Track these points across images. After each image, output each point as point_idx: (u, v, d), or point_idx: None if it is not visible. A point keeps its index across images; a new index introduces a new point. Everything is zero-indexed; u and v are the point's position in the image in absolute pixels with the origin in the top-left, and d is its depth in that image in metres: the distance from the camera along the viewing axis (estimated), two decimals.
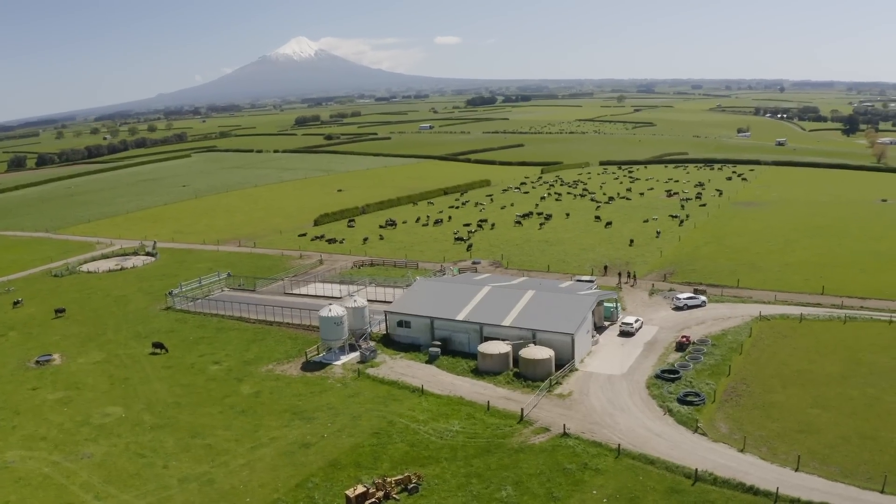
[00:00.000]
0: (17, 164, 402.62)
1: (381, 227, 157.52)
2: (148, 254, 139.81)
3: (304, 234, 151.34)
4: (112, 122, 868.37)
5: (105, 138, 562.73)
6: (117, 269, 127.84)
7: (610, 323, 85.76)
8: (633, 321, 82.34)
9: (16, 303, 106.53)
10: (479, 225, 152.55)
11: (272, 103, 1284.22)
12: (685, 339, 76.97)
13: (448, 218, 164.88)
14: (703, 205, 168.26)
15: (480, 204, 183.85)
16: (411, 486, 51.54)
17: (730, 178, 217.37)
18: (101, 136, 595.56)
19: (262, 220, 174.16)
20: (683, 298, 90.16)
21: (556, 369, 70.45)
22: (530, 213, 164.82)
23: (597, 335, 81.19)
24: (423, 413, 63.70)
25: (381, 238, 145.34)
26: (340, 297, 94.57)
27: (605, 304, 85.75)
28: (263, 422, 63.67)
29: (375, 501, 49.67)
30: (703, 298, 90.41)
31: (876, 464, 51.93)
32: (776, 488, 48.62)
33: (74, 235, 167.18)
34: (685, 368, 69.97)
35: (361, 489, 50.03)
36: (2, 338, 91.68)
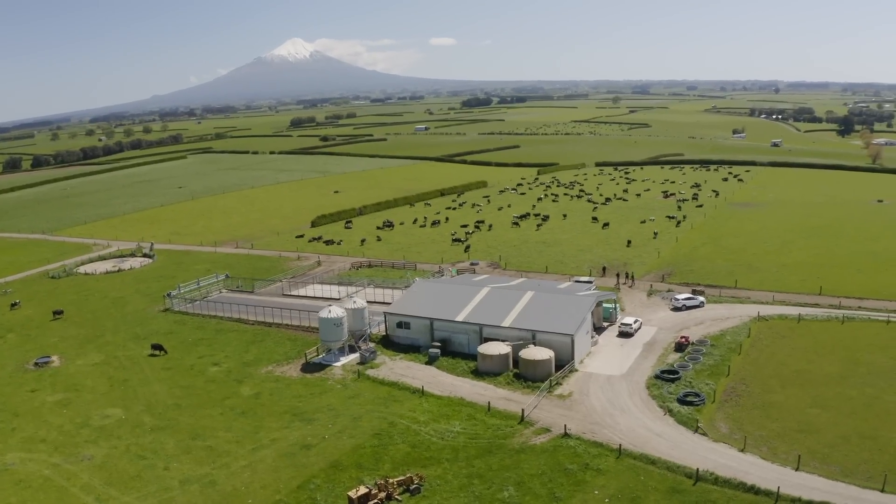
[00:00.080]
0: (12, 165, 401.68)
1: (378, 228, 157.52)
2: (145, 255, 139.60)
3: (302, 236, 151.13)
4: (107, 124, 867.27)
5: (100, 140, 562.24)
6: (115, 271, 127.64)
7: (609, 324, 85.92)
8: (632, 322, 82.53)
9: (13, 304, 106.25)
10: (476, 226, 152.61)
11: (267, 105, 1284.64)
12: (684, 340, 77.15)
13: (445, 219, 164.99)
14: (700, 206, 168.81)
15: (477, 205, 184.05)
16: (413, 486, 51.62)
17: (726, 179, 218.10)
18: (96, 138, 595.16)
19: (259, 222, 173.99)
20: (682, 299, 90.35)
21: (556, 370, 70.60)
22: (527, 214, 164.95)
23: (596, 336, 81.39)
24: (424, 414, 63.76)
25: (378, 239, 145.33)
26: (339, 298, 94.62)
27: (603, 304, 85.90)
28: (264, 423, 63.64)
29: (378, 502, 49.75)
30: (701, 299, 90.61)
31: (876, 463, 52.23)
32: (777, 488, 48.86)
33: (71, 237, 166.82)
34: (684, 369, 70.18)
35: (364, 490, 50.10)
36: (0, 340, 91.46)
